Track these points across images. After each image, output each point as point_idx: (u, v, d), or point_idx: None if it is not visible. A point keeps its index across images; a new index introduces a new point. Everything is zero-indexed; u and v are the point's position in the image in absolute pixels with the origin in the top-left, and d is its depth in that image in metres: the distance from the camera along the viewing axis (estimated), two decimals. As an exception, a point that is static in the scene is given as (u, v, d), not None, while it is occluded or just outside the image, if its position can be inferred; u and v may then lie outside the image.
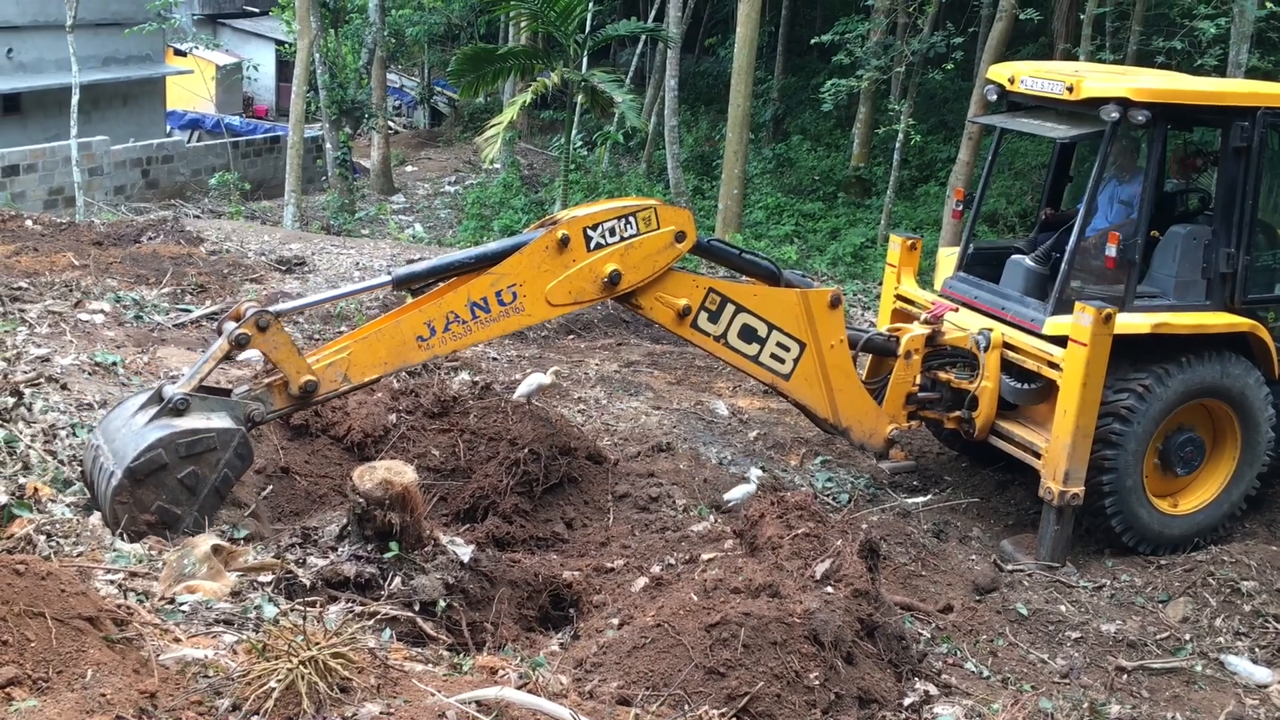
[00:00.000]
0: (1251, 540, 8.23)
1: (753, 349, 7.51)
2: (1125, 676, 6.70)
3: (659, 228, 6.97)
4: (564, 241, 6.68)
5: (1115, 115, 7.36)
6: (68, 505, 5.45)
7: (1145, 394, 7.65)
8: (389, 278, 6.63)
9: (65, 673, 3.62)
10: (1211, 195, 8.33)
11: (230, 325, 5.88)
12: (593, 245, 6.79)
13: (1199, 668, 6.82)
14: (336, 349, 6.26)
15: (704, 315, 7.31)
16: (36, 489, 5.44)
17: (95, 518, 5.44)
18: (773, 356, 7.58)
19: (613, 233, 6.84)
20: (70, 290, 10.20)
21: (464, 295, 6.48)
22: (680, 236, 7.05)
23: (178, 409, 5.58)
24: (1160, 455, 8.06)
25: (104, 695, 3.52)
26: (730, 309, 7.38)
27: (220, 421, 5.66)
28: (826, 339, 7.70)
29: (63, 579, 3.99)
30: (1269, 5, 14.10)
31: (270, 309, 5.95)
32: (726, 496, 7.52)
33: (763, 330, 7.50)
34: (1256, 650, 7.06)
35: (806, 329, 7.62)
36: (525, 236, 6.81)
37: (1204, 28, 14.01)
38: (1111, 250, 7.56)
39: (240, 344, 5.84)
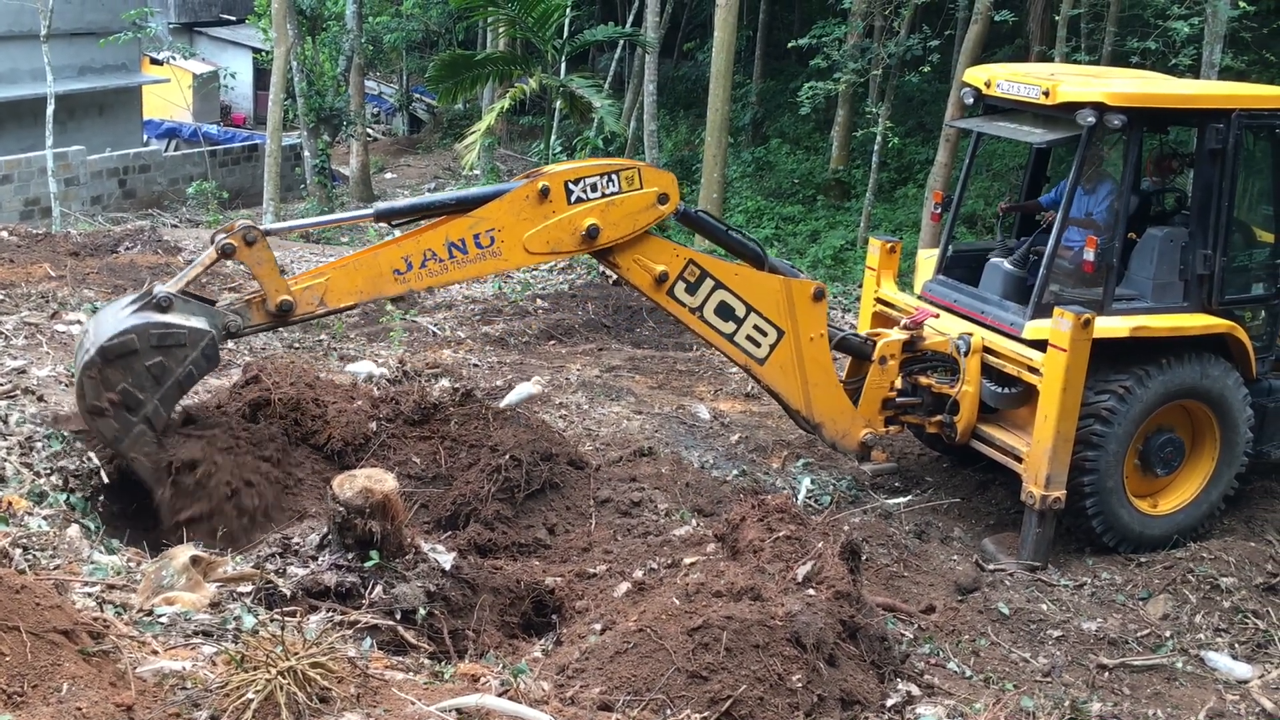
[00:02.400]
0: (1230, 537, 8.28)
1: (729, 327, 7.53)
2: (1106, 674, 6.73)
3: (642, 188, 7.02)
4: (544, 192, 6.77)
5: (1091, 120, 7.38)
6: (44, 518, 5.41)
7: (1126, 395, 7.68)
8: (371, 210, 6.88)
9: (40, 686, 3.59)
10: (1188, 194, 8.36)
11: (221, 236, 6.18)
12: (573, 199, 6.86)
13: (1180, 664, 6.86)
14: (316, 274, 6.49)
15: (681, 285, 7.34)
16: (11, 503, 5.40)
17: (73, 530, 5.40)
18: (749, 338, 7.60)
19: (594, 188, 6.91)
20: (47, 301, 10.13)
21: (442, 235, 6.63)
22: (664, 199, 7.11)
23: (161, 305, 5.91)
24: (1140, 456, 8.09)
25: (80, 709, 3.49)
26: (709, 284, 7.40)
27: (197, 322, 5.98)
28: (806, 330, 7.71)
29: (38, 592, 3.95)
30: (1242, 5, 14.18)
31: (259, 226, 6.24)
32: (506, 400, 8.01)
33: (741, 310, 7.52)
34: (1236, 646, 7.10)
35: (786, 317, 7.63)
36: (507, 185, 6.90)
37: (1177, 28, 14.05)
38: (1089, 254, 7.58)
39: (226, 253, 6.14)
